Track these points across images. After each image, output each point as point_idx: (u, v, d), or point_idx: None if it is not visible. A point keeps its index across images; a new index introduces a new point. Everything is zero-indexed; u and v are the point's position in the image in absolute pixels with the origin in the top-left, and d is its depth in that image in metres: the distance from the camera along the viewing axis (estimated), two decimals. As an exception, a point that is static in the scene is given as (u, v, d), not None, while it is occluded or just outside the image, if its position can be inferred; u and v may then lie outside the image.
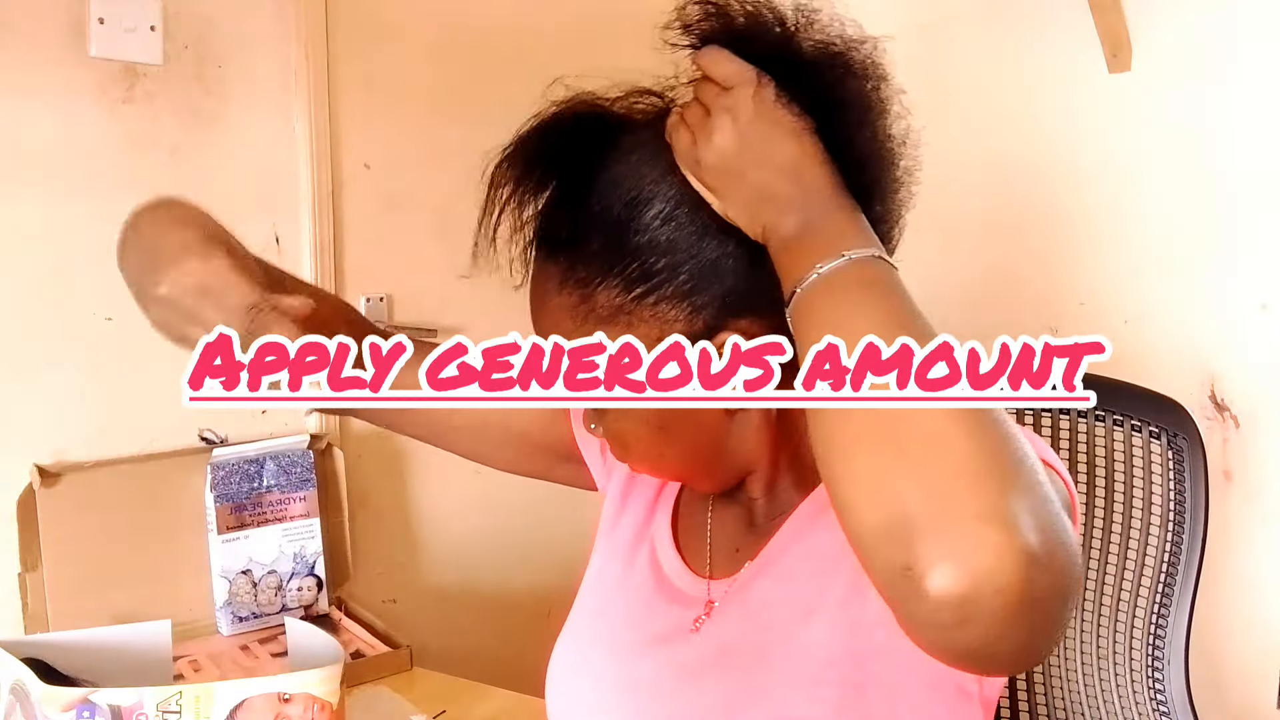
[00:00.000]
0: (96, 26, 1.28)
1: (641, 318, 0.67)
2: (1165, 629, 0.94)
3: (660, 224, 0.65)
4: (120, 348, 1.34)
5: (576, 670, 0.82)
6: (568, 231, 0.68)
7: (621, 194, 0.66)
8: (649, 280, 0.66)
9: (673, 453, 0.72)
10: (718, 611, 0.75)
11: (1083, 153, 1.57)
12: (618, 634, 0.80)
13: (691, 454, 0.72)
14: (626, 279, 0.66)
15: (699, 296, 0.66)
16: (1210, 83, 1.44)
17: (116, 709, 0.68)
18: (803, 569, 0.71)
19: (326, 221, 1.50)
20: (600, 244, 0.67)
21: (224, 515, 1.36)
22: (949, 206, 1.69)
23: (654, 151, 0.66)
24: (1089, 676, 0.98)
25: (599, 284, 0.67)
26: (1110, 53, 1.51)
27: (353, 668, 1.22)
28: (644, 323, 0.67)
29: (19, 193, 1.26)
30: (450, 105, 1.60)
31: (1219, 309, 1.45)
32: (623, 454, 0.74)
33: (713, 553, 0.79)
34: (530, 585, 1.69)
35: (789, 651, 0.68)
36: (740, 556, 0.76)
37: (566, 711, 0.81)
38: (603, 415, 0.72)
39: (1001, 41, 1.64)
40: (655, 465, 0.75)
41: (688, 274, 0.66)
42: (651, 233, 0.66)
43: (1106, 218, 1.55)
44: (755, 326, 0.66)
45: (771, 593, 0.72)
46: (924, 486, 0.50)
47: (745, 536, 0.78)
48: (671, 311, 0.66)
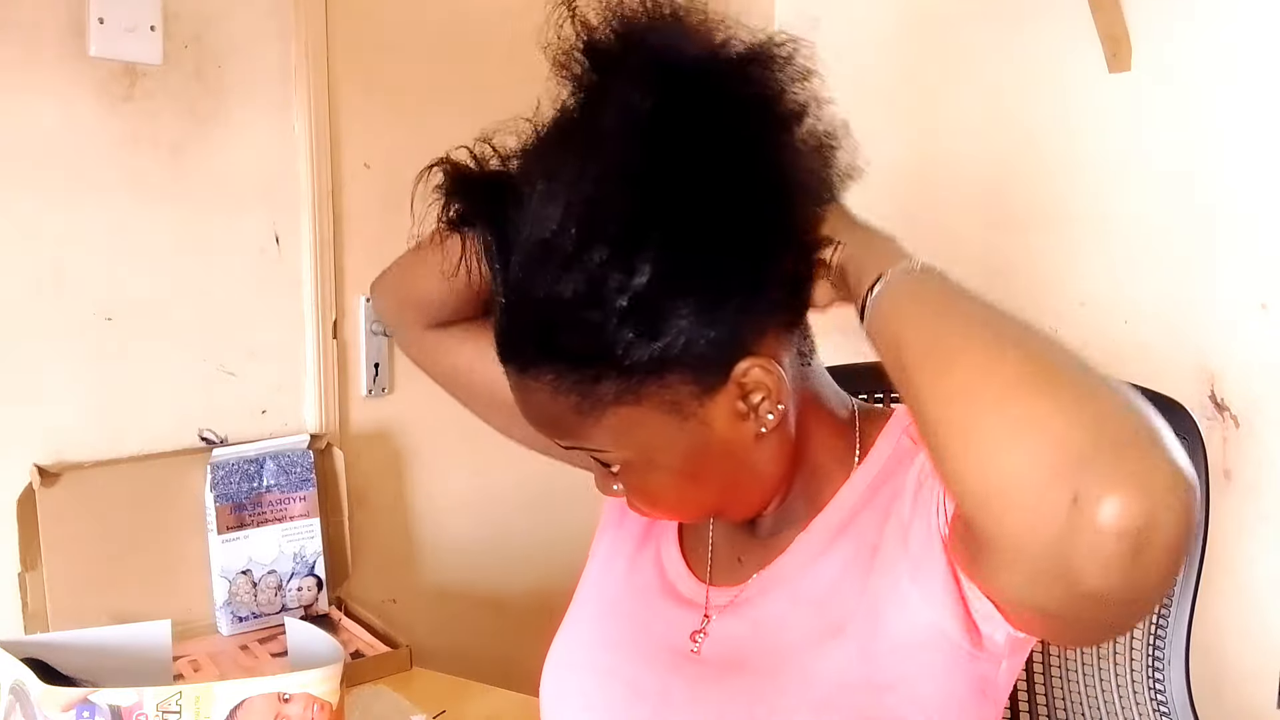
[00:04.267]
0: (96, 26, 1.28)
1: (649, 391, 0.64)
2: (1165, 629, 0.94)
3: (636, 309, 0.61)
4: (120, 348, 1.35)
5: (573, 666, 0.81)
6: (539, 342, 0.64)
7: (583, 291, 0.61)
8: (647, 361, 0.63)
9: (706, 492, 0.70)
10: (722, 623, 0.73)
11: (1082, 152, 1.57)
12: (620, 634, 0.79)
13: (725, 487, 0.70)
14: (622, 367, 0.63)
15: (701, 357, 0.64)
16: (1210, 82, 1.44)
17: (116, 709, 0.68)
18: (818, 591, 0.69)
19: (326, 221, 1.50)
20: (580, 345, 0.63)
21: (224, 515, 1.36)
22: (949, 206, 1.69)
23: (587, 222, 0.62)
24: (1089, 676, 0.98)
25: (595, 379, 0.64)
26: (1110, 53, 1.50)
27: (352, 667, 1.22)
28: (652, 395, 0.64)
29: (19, 192, 1.26)
30: (450, 105, 1.60)
31: (1219, 309, 1.45)
32: (651, 507, 0.72)
33: (714, 559, 0.78)
34: (530, 585, 1.69)
35: (802, 675, 0.67)
36: (745, 567, 0.75)
37: (559, 705, 0.81)
38: (625, 475, 0.70)
39: (1001, 41, 1.64)
40: (686, 511, 0.73)
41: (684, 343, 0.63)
42: (630, 319, 0.62)
43: (1106, 217, 1.55)
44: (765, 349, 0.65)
45: (786, 612, 0.70)
46: (1087, 420, 0.49)
47: (749, 544, 0.76)
48: (676, 378, 0.64)
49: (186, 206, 1.38)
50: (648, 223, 0.61)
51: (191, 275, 1.40)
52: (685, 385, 0.64)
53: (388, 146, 1.57)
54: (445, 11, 1.62)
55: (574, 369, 0.64)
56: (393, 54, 1.57)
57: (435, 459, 1.66)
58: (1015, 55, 1.63)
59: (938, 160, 1.72)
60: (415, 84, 1.59)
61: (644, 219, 0.61)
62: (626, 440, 0.66)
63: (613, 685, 0.77)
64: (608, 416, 0.65)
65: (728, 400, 0.66)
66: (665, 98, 0.61)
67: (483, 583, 1.71)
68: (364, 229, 1.55)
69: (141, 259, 1.36)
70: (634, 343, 0.62)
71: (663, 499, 0.71)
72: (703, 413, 0.66)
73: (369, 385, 1.58)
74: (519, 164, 0.67)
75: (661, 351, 0.62)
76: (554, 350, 0.64)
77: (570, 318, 0.62)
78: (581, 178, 0.61)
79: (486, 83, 1.64)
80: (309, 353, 1.51)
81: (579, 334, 0.62)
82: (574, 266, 0.61)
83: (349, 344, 1.56)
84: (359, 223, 1.55)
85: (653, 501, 0.72)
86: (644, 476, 0.69)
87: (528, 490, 1.74)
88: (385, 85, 1.56)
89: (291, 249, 1.48)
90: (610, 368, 0.63)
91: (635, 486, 0.71)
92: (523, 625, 0.90)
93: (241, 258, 1.44)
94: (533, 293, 0.63)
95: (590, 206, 0.61)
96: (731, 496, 0.72)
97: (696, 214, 0.62)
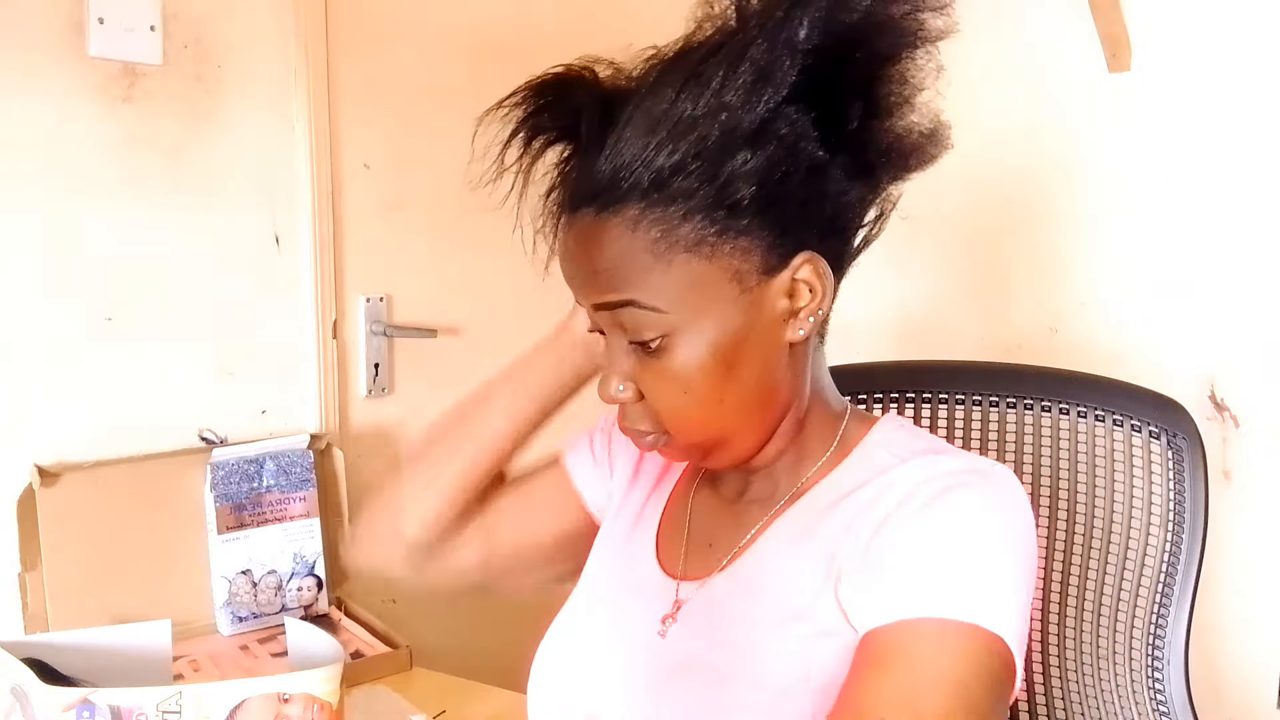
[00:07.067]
0: (96, 26, 1.28)
1: (722, 250, 0.66)
2: (1165, 629, 0.94)
3: (741, 163, 0.65)
4: (120, 348, 1.35)
5: (556, 659, 0.82)
6: (638, 176, 0.65)
7: (699, 134, 0.64)
8: (734, 214, 0.65)
9: (732, 395, 0.69)
10: (684, 616, 0.74)
11: (1082, 153, 1.57)
12: (596, 627, 0.81)
13: (749, 396, 0.70)
14: (711, 213, 0.65)
15: (777, 231, 0.67)
16: (1210, 82, 1.44)
17: (116, 709, 0.68)
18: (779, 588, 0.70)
19: (326, 221, 1.50)
20: (681, 183, 0.65)
21: (224, 515, 1.36)
22: (949, 206, 1.69)
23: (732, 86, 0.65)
24: (1089, 676, 0.98)
25: (683, 218, 0.65)
26: (1110, 53, 1.51)
27: (352, 668, 1.22)
28: (723, 255, 0.66)
29: (19, 192, 1.26)
30: (450, 105, 1.60)
31: (1219, 309, 1.45)
32: (672, 403, 0.70)
33: (688, 549, 0.79)
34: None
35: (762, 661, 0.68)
36: (715, 552, 0.76)
37: (541, 696, 0.82)
38: (661, 354, 0.69)
39: (1001, 41, 1.64)
40: (710, 414, 0.70)
41: (769, 210, 0.66)
42: (731, 168, 0.65)
43: (1106, 217, 1.56)
44: (822, 254, 0.68)
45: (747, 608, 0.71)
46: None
47: (720, 523, 0.78)
48: (750, 243, 0.66)
49: (186, 207, 1.38)
50: (779, 91, 0.64)
51: (191, 275, 1.40)
52: (755, 255, 0.67)
53: (388, 146, 1.57)
54: (445, 12, 1.62)
55: (665, 203, 0.65)
56: (393, 54, 1.57)
57: (435, 459, 1.66)
58: (1015, 55, 1.63)
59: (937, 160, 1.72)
60: (415, 84, 1.59)
61: (777, 87, 0.64)
62: (686, 296, 0.67)
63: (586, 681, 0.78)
64: (677, 264, 0.66)
65: (779, 290, 0.68)
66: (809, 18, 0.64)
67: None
68: (364, 229, 1.55)
69: (141, 259, 1.36)
70: (730, 194, 0.65)
71: (690, 390, 0.69)
72: (758, 291, 0.68)
73: (369, 385, 1.58)
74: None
75: (749, 209, 0.65)
76: (651, 184, 0.65)
77: (678, 155, 0.64)
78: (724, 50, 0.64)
79: (487, 83, 1.64)
80: (309, 353, 1.51)
81: (681, 171, 0.64)
82: (697, 111, 0.64)
83: (349, 344, 1.56)
84: (359, 223, 1.55)
85: (676, 394, 0.69)
86: (682, 355, 0.68)
87: (528, 490, 1.74)
88: (385, 85, 1.56)
89: (291, 249, 1.48)
90: (700, 211, 0.65)
91: (664, 372, 0.69)
92: (523, 625, 0.90)
93: (241, 258, 1.44)
94: (644, 133, 0.65)
95: (729, 65, 0.63)
96: (748, 415, 0.71)
97: (825, 102, 0.65)
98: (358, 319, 1.57)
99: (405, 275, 1.61)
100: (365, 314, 1.57)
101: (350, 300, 1.55)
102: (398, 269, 1.60)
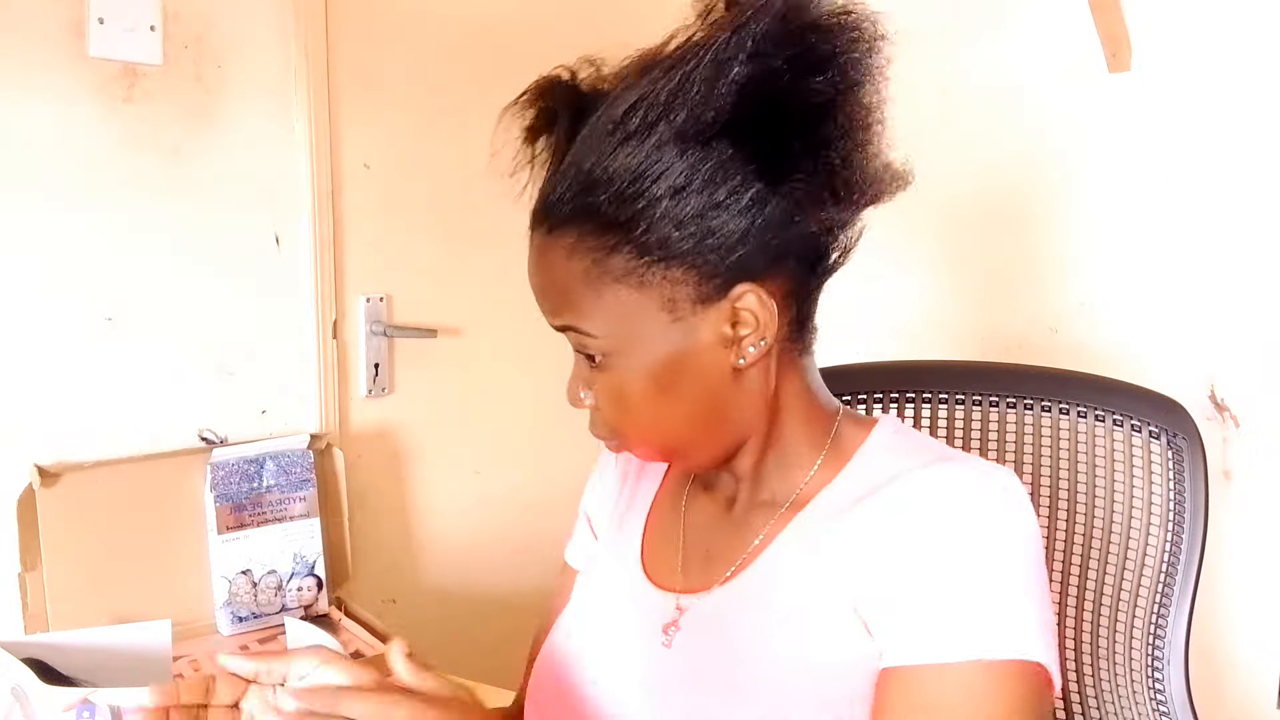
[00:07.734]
0: (96, 26, 1.28)
1: (652, 280, 0.67)
2: (1165, 629, 0.94)
3: (672, 196, 0.65)
4: (120, 348, 1.35)
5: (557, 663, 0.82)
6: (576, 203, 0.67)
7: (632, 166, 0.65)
8: (663, 247, 0.66)
9: (672, 414, 0.71)
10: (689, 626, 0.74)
11: (1082, 153, 1.57)
12: (596, 636, 0.80)
13: (692, 415, 0.71)
14: (640, 245, 0.66)
15: (711, 262, 0.67)
16: (1210, 82, 1.44)
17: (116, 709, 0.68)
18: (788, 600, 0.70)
19: (326, 221, 1.50)
20: (612, 213, 0.66)
21: (224, 515, 1.36)
22: (949, 206, 1.69)
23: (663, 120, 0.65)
24: (1089, 676, 0.98)
25: (612, 249, 0.67)
26: (1110, 53, 1.50)
27: (353, 668, 1.22)
28: (654, 285, 0.67)
29: (19, 193, 1.26)
30: (450, 105, 1.60)
31: (1219, 309, 1.45)
32: (617, 417, 0.72)
33: (685, 557, 0.78)
34: (530, 586, 1.68)
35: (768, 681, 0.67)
36: (715, 564, 0.75)
37: (541, 699, 0.81)
38: (603, 371, 0.71)
39: (1001, 41, 1.64)
40: (651, 429, 0.72)
41: (702, 243, 0.66)
42: (664, 203, 0.65)
43: (1106, 218, 1.55)
44: (767, 285, 0.68)
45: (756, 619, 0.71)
46: None
47: (718, 536, 0.77)
48: (684, 274, 0.67)
49: (186, 207, 1.38)
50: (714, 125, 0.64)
51: (191, 276, 1.40)
52: (687, 285, 0.67)
53: (388, 146, 1.57)
54: (445, 12, 1.62)
55: (596, 234, 0.67)
56: (393, 54, 1.57)
57: (435, 459, 1.66)
58: (1016, 55, 1.63)
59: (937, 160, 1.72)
60: (415, 84, 1.59)
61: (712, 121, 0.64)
62: (618, 325, 0.68)
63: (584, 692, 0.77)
64: (609, 293, 0.67)
65: (718, 318, 0.68)
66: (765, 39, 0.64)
67: (483, 583, 1.71)
68: (364, 229, 1.55)
69: (141, 259, 1.36)
70: (659, 225, 0.66)
71: (630, 408, 0.71)
72: (694, 320, 0.68)
73: (369, 385, 1.58)
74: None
75: (679, 242, 0.66)
76: (585, 211, 0.67)
77: (612, 186, 0.66)
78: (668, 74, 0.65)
79: (487, 83, 1.65)
80: (309, 353, 1.51)
81: (613, 202, 0.66)
82: (632, 141, 0.65)
83: (349, 344, 1.56)
84: (359, 223, 1.55)
85: (620, 409, 0.71)
86: (620, 375, 0.70)
87: (527, 491, 1.74)
88: (385, 85, 1.56)
89: (291, 249, 1.48)
90: (628, 242, 0.66)
91: (607, 388, 0.71)
92: (523, 626, 0.90)
93: (241, 258, 1.44)
94: (587, 156, 0.67)
95: (668, 96, 0.65)
96: (694, 431, 0.72)
97: (764, 136, 0.65)
98: (358, 319, 1.57)
99: (405, 275, 1.61)
100: (365, 314, 1.57)
101: (350, 300, 1.55)
102: (398, 269, 1.60)
